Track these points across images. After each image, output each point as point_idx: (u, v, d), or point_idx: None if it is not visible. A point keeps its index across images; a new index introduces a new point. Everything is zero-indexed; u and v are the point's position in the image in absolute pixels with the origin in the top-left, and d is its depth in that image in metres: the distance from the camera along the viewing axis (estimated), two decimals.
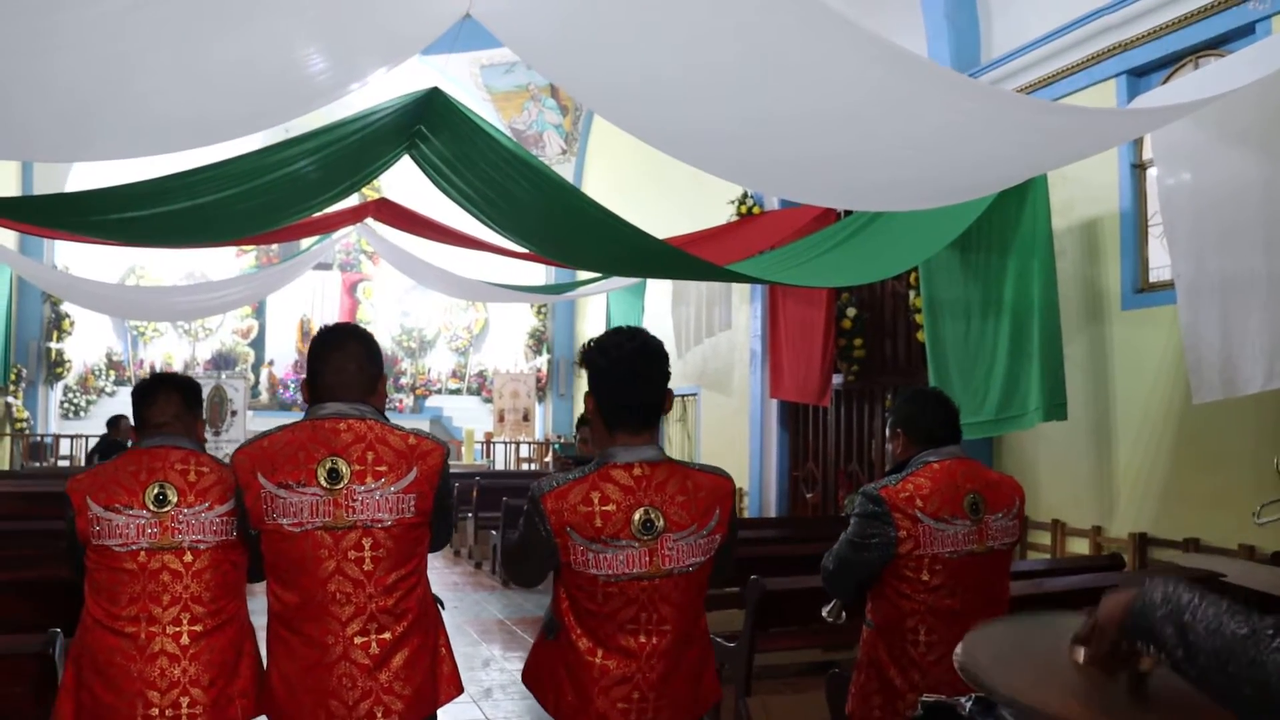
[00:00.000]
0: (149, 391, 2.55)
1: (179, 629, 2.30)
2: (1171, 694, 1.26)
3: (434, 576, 2.37)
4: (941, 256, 5.79)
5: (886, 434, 3.11)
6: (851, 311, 7.87)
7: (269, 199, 5.24)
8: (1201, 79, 4.39)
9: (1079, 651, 1.34)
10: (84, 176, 11.33)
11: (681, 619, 2.08)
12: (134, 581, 2.30)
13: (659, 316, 10.38)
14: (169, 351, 14.82)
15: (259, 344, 15.33)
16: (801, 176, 4.24)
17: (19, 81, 2.97)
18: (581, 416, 4.31)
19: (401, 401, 15.24)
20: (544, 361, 15.44)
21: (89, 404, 13.89)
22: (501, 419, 14.72)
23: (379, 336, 2.45)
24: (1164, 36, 5.19)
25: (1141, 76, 5.45)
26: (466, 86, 13.64)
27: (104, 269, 12.87)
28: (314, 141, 4.86)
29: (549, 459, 14.01)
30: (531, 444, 14.57)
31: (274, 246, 14.02)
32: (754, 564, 4.36)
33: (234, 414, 12.38)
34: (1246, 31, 4.78)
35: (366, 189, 10.48)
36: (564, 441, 13.70)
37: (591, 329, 14.25)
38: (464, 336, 16.21)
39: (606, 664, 2.02)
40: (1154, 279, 5.38)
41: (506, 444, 14.45)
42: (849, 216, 6.35)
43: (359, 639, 2.13)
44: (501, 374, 15.08)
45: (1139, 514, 5.27)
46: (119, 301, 11.53)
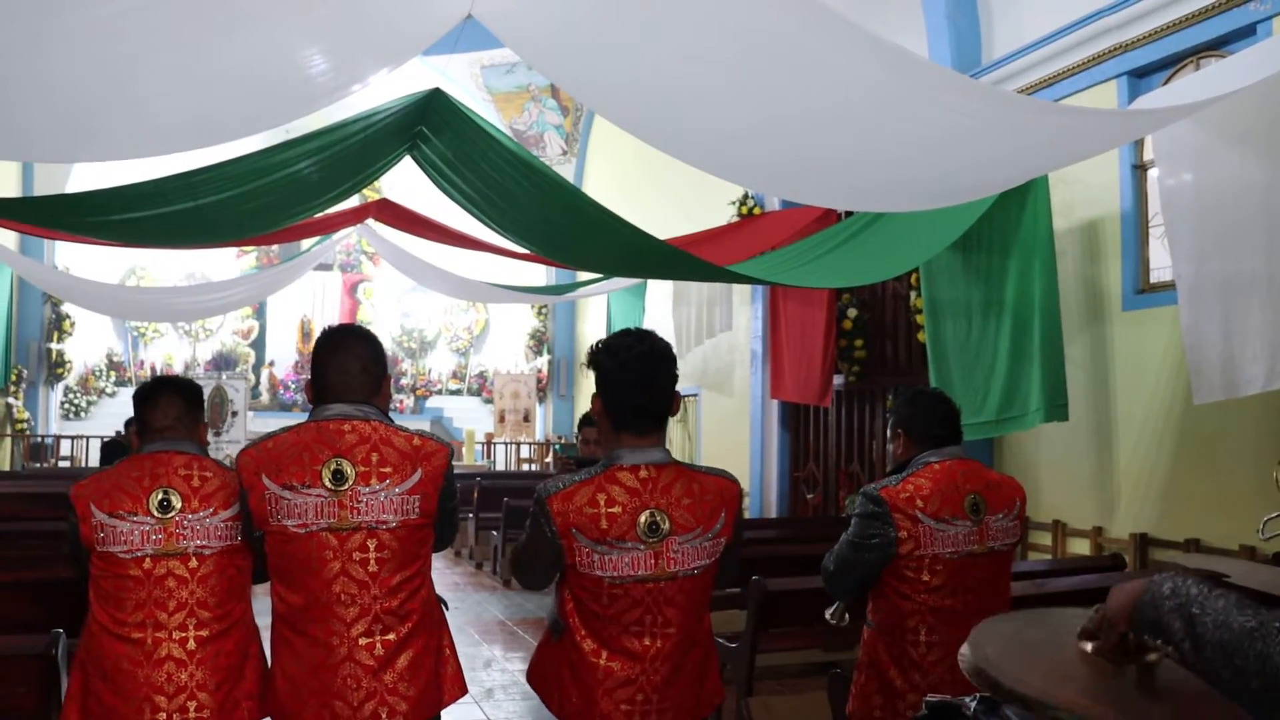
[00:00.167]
0: (150, 395, 2.53)
1: (185, 634, 2.30)
2: (1180, 686, 1.26)
3: (435, 577, 2.37)
4: (942, 257, 5.80)
5: (887, 435, 3.11)
6: (852, 312, 7.86)
7: (270, 200, 5.24)
8: (1203, 80, 4.39)
9: (1086, 645, 1.34)
10: (85, 177, 11.33)
11: (686, 621, 2.08)
12: (139, 588, 2.29)
13: (660, 317, 10.37)
14: (169, 352, 14.81)
15: (259, 345, 15.32)
16: (802, 177, 4.24)
17: (20, 82, 2.96)
18: (583, 417, 4.32)
19: (402, 402, 15.23)
20: (544, 362, 15.44)
21: (89, 405, 13.89)
22: (502, 420, 14.72)
23: (379, 337, 2.45)
24: (1165, 37, 5.18)
25: (1142, 77, 5.45)
26: (467, 87, 13.64)
27: (104, 270, 12.85)
28: (315, 142, 4.86)
29: (549, 460, 14.01)
30: (532, 445, 14.57)
31: (274, 247, 14.01)
32: (755, 564, 4.36)
33: (234, 415, 12.40)
34: (1248, 32, 4.77)
35: (367, 190, 10.48)
36: (564, 442, 13.69)
37: (592, 330, 14.25)
38: (464, 337, 16.21)
39: (611, 666, 2.03)
40: (1155, 280, 5.38)
41: (507, 445, 14.45)
42: (850, 217, 6.35)
43: (364, 640, 2.14)
44: (502, 375, 15.08)
45: (1140, 515, 5.27)
46: (119, 302, 11.52)
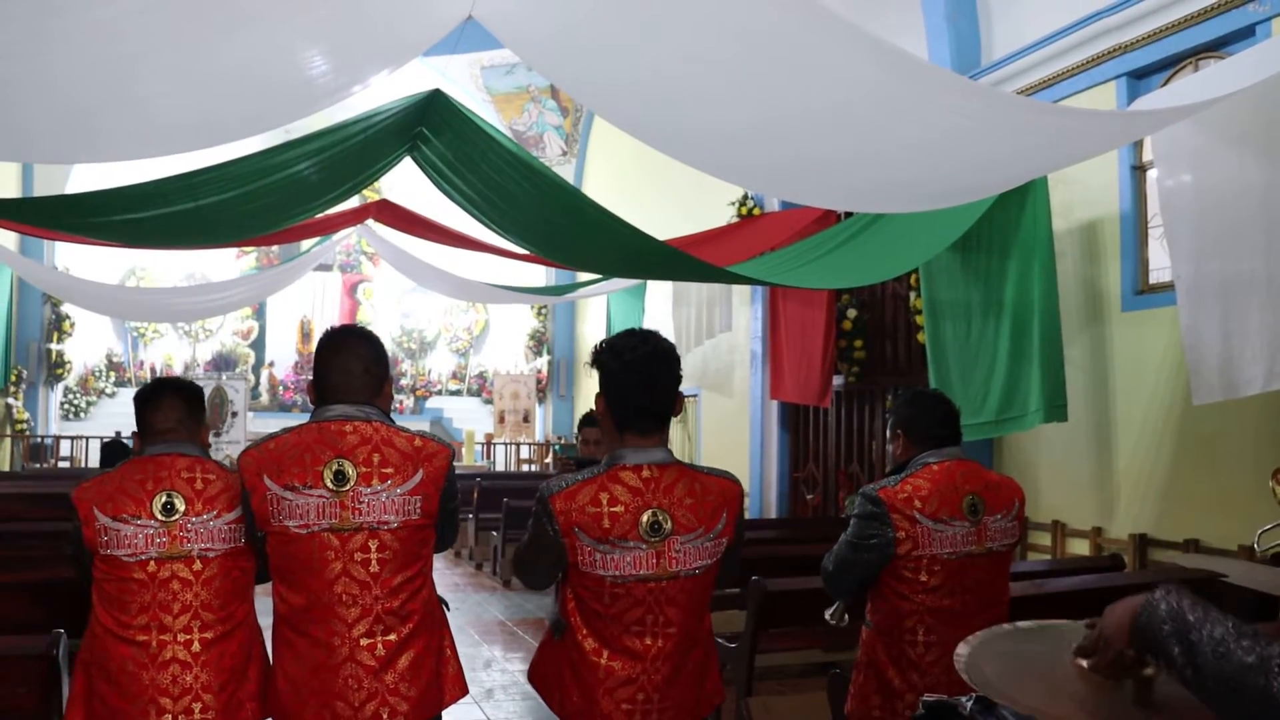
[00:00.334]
0: (151, 397, 2.52)
1: (190, 637, 2.30)
2: (1176, 701, 1.26)
3: (435, 578, 2.38)
4: (942, 258, 5.80)
5: (887, 435, 3.11)
6: (852, 313, 7.87)
7: (270, 201, 5.24)
8: (1202, 81, 4.40)
9: (1083, 661, 1.34)
10: (85, 178, 11.34)
11: (687, 621, 2.08)
12: (144, 591, 2.29)
13: (659, 318, 10.38)
14: (169, 353, 14.81)
15: (259, 345, 15.33)
16: (802, 178, 4.25)
17: (20, 83, 2.96)
18: (583, 417, 4.31)
19: (402, 403, 15.24)
20: (544, 363, 15.44)
21: (89, 405, 13.90)
22: (502, 420, 14.72)
23: (380, 338, 2.45)
24: (1164, 38, 5.19)
25: (1142, 78, 5.46)
26: (467, 88, 13.65)
27: (104, 270, 12.86)
28: (315, 143, 4.86)
29: (549, 460, 14.01)
30: (532, 445, 14.57)
31: (274, 248, 14.02)
32: (755, 565, 4.37)
33: (234, 415, 12.42)
34: (1247, 34, 4.78)
35: (367, 190, 10.49)
36: (564, 443, 13.70)
37: (592, 330, 14.25)
38: (464, 338, 16.21)
39: (612, 665, 2.03)
40: (1154, 280, 5.39)
41: (507, 445, 14.46)
42: (849, 218, 6.36)
43: (365, 640, 2.14)
44: (502, 375, 15.09)
45: (1139, 515, 5.28)
46: (119, 303, 11.52)
